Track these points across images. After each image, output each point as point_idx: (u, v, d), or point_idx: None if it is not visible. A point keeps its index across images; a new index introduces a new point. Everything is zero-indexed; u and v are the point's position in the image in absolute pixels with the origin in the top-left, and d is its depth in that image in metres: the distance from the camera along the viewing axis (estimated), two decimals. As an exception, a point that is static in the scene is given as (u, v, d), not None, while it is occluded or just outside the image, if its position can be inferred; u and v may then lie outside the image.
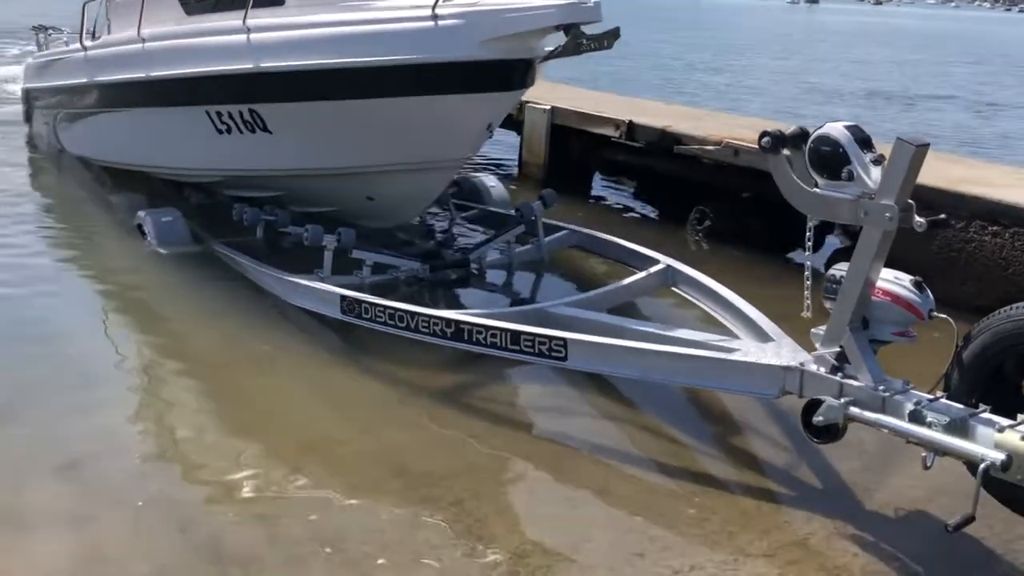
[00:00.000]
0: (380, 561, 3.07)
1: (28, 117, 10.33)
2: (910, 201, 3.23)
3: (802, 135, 3.45)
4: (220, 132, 5.90)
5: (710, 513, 3.46)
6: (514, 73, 5.01)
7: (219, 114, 5.81)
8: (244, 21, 5.46)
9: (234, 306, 5.41)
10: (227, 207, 6.58)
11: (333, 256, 5.36)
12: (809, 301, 3.60)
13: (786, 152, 3.48)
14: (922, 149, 3.14)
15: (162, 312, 5.54)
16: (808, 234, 3.59)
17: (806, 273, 3.61)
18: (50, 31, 9.88)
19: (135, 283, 5.96)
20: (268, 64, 5.33)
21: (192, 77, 5.83)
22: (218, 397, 4.42)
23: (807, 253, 3.64)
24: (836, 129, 3.33)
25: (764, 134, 3.49)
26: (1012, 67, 30.00)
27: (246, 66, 5.43)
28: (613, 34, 4.96)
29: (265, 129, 5.63)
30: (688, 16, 57.86)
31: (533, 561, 3.09)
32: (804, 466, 3.82)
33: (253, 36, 5.44)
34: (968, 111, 17.96)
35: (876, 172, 3.25)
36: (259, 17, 5.45)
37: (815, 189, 3.41)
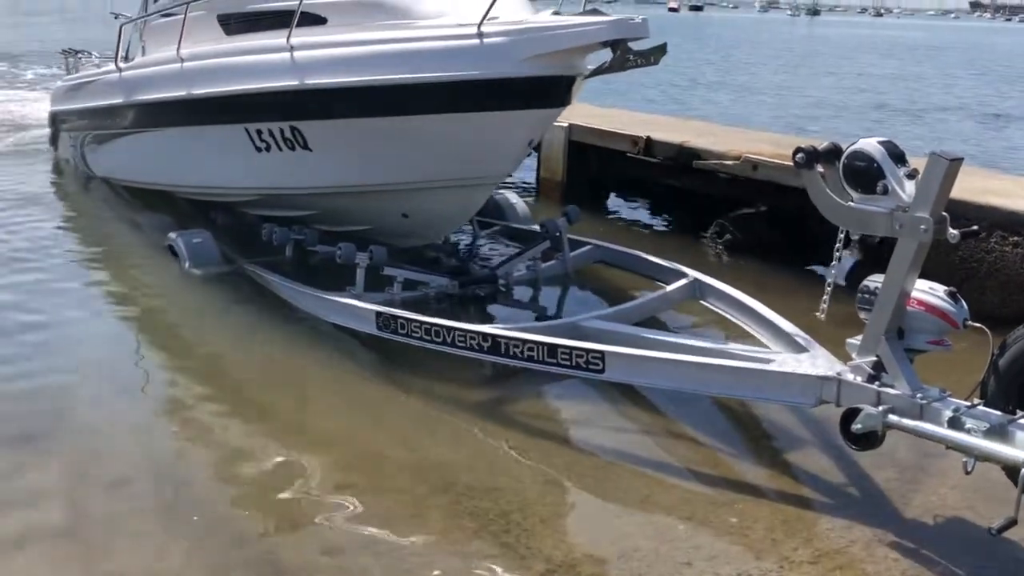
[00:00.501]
0: (435, 573, 3.14)
1: (54, 140, 10.30)
2: (944, 214, 3.32)
3: (835, 151, 3.54)
4: (259, 150, 5.90)
5: (752, 521, 3.53)
6: (558, 89, 4.99)
7: (259, 132, 5.80)
8: (288, 39, 5.42)
9: (268, 325, 5.50)
10: (254, 228, 6.69)
11: (365, 274, 5.45)
12: (826, 305, 3.68)
13: (819, 168, 3.57)
14: (956, 163, 3.23)
15: (197, 333, 5.62)
16: (838, 245, 3.67)
17: (828, 280, 3.71)
18: (80, 55, 10.00)
19: (167, 305, 6.07)
20: (311, 81, 5.32)
21: (233, 94, 5.80)
22: (259, 415, 4.48)
23: (834, 262, 3.73)
24: (870, 144, 3.42)
25: (798, 150, 3.58)
26: (1015, 78, 30.12)
27: (289, 83, 5.41)
28: (660, 50, 4.98)
29: (305, 146, 5.63)
30: (690, 31, 58.27)
31: (584, 570, 3.16)
32: (841, 474, 3.89)
33: (296, 54, 5.41)
34: (974, 122, 18.06)
35: (910, 186, 3.34)
36: (302, 36, 5.44)
37: (850, 203, 3.50)
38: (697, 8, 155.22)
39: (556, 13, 4.98)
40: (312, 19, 5.51)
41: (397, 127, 5.17)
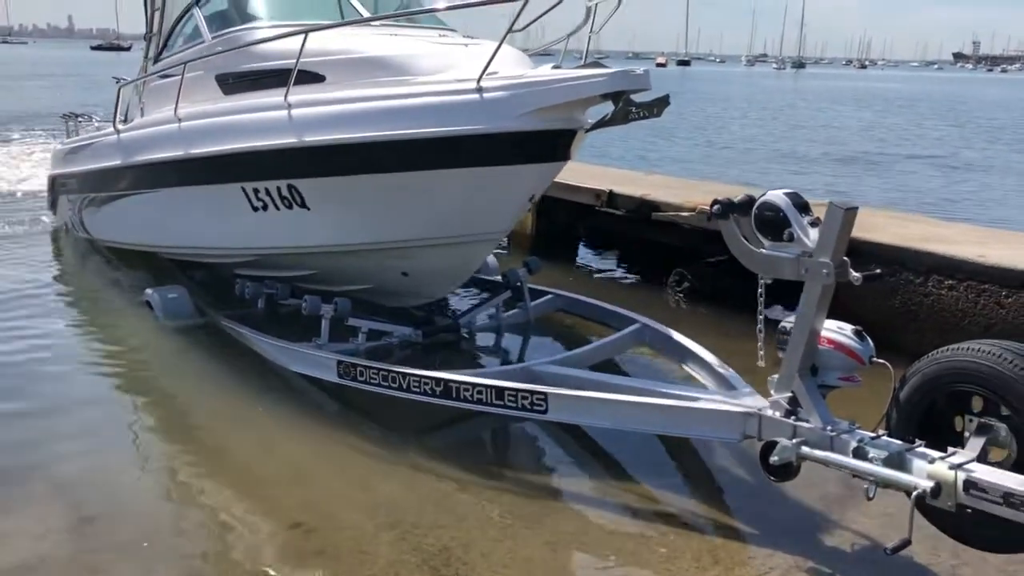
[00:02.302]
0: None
1: (53, 204, 10.20)
2: (845, 258, 3.60)
3: (748, 202, 3.83)
4: (256, 209, 5.84)
5: (680, 552, 3.74)
6: (559, 144, 4.93)
7: (256, 191, 5.75)
8: (286, 97, 5.39)
9: (237, 373, 5.75)
10: (229, 282, 6.97)
11: (330, 324, 5.70)
12: (762, 352, 3.94)
13: (735, 217, 3.87)
14: (851, 212, 3.53)
15: (168, 381, 5.87)
16: (760, 291, 3.94)
17: (759, 327, 3.96)
18: (80, 118, 10.08)
19: (143, 357, 6.35)
20: (308, 138, 5.27)
21: (228, 153, 5.77)
22: (222, 458, 4.74)
23: (760, 308, 3.98)
24: (777, 196, 3.72)
25: (714, 202, 3.89)
26: (987, 129, 30.76)
27: (285, 141, 5.37)
28: (663, 101, 4.89)
29: (303, 205, 5.57)
30: (673, 86, 59.27)
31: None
32: (767, 505, 4.11)
33: (293, 111, 5.37)
34: (936, 172, 18.48)
35: (814, 233, 3.63)
36: (300, 94, 5.41)
37: (762, 250, 3.79)
38: (685, 63, 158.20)
39: (556, 67, 4.91)
40: (310, 77, 5.47)
41: (396, 184, 5.15)
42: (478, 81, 4.75)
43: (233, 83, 6.21)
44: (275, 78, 5.62)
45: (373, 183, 5.19)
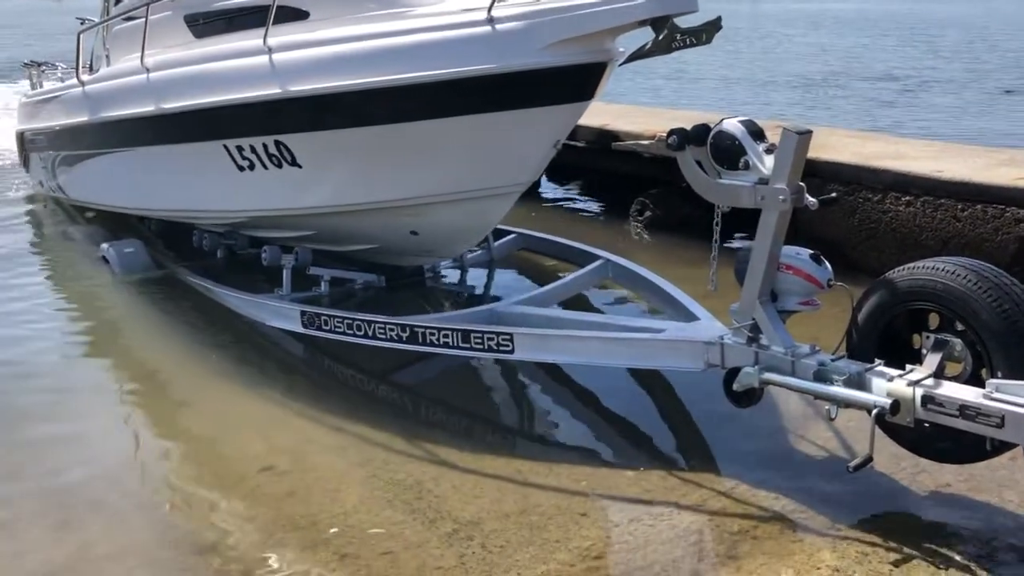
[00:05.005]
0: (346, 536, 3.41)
1: (25, 162, 9.61)
2: (800, 184, 3.61)
3: (704, 132, 3.82)
4: (241, 169, 5.24)
5: (648, 474, 3.82)
6: (588, 80, 4.27)
7: (239, 148, 5.14)
8: (265, 40, 4.79)
9: (200, 324, 5.76)
10: (187, 232, 6.88)
11: (292, 274, 5.63)
12: (715, 277, 3.96)
13: (691, 148, 3.86)
14: (805, 136, 3.52)
15: (129, 336, 5.85)
16: (716, 219, 3.95)
17: (712, 255, 3.96)
18: (43, 67, 9.40)
19: (103, 312, 6.31)
20: (294, 88, 4.65)
21: (205, 108, 5.15)
22: (189, 408, 4.75)
23: (715, 236, 3.98)
24: (732, 124, 3.71)
25: (670, 133, 3.86)
26: (940, 47, 30.80)
27: (268, 91, 4.75)
28: (714, 26, 4.10)
29: (294, 163, 4.97)
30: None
31: (487, 527, 3.44)
32: (731, 427, 4.18)
33: (275, 56, 4.77)
34: (893, 89, 18.53)
35: (769, 160, 3.63)
36: (281, 35, 4.80)
37: (718, 180, 3.79)
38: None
39: None
40: (291, 14, 4.91)
41: (398, 136, 4.54)
42: (489, 10, 4.14)
43: (204, 24, 5.65)
44: (252, 16, 5.09)
45: (371, 136, 4.60)
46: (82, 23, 7.61)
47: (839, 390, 3.43)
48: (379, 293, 5.92)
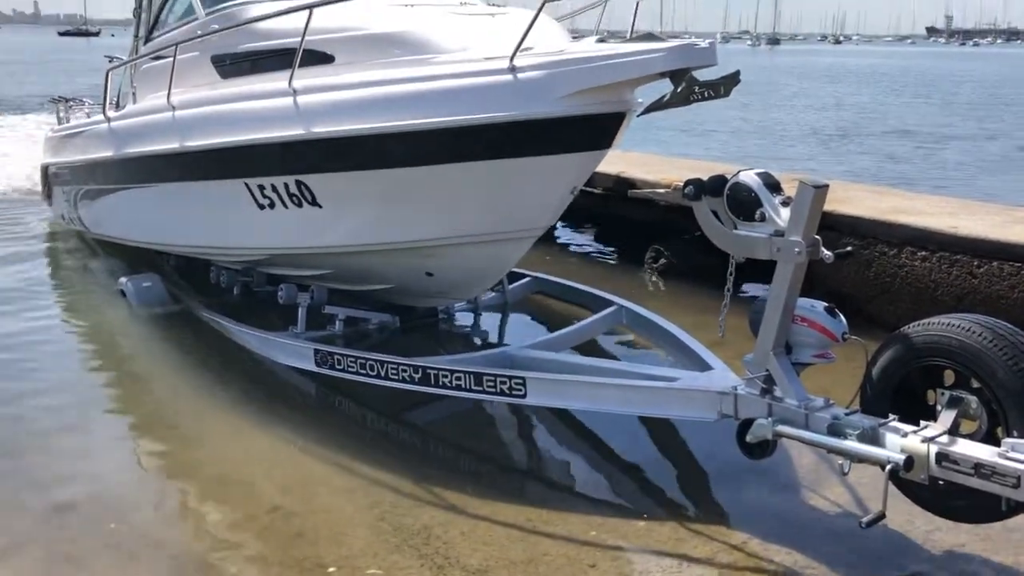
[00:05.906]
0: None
1: (48, 196, 9.67)
2: (816, 236, 3.63)
3: (720, 183, 3.85)
4: (262, 207, 5.32)
5: (658, 525, 3.79)
6: (605, 130, 4.34)
7: (261, 188, 5.23)
8: (290, 83, 4.88)
9: (214, 359, 5.78)
10: (204, 268, 6.94)
11: (307, 313, 5.65)
12: (723, 324, 3.95)
13: (707, 198, 3.88)
14: (821, 190, 3.55)
15: (144, 369, 5.85)
16: (730, 270, 3.97)
17: (724, 303, 3.97)
18: (71, 102, 9.58)
19: (119, 346, 6.33)
20: (317, 129, 4.72)
21: (228, 147, 5.25)
22: (199, 444, 4.73)
23: (728, 285, 4.00)
24: (748, 176, 3.74)
25: (687, 183, 3.89)
26: (955, 103, 30.99)
27: (292, 132, 4.84)
28: (732, 79, 4.12)
29: (314, 203, 5.04)
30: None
31: (495, 575, 3.40)
32: (744, 479, 4.16)
33: (300, 99, 4.85)
34: (909, 145, 18.63)
35: (785, 212, 3.66)
36: (306, 78, 4.88)
37: (734, 231, 3.81)
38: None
39: (601, 40, 4.32)
40: (317, 58, 4.95)
41: (418, 179, 4.61)
42: (511, 59, 4.18)
43: (231, 65, 5.71)
44: (277, 59, 5.14)
45: (391, 178, 4.66)
46: (110, 61, 7.73)
47: (853, 445, 3.40)
48: (392, 334, 5.94)
